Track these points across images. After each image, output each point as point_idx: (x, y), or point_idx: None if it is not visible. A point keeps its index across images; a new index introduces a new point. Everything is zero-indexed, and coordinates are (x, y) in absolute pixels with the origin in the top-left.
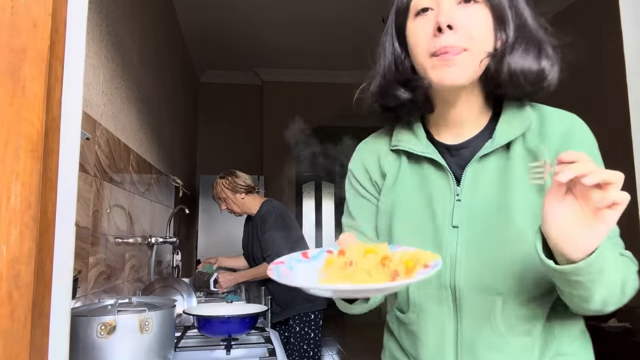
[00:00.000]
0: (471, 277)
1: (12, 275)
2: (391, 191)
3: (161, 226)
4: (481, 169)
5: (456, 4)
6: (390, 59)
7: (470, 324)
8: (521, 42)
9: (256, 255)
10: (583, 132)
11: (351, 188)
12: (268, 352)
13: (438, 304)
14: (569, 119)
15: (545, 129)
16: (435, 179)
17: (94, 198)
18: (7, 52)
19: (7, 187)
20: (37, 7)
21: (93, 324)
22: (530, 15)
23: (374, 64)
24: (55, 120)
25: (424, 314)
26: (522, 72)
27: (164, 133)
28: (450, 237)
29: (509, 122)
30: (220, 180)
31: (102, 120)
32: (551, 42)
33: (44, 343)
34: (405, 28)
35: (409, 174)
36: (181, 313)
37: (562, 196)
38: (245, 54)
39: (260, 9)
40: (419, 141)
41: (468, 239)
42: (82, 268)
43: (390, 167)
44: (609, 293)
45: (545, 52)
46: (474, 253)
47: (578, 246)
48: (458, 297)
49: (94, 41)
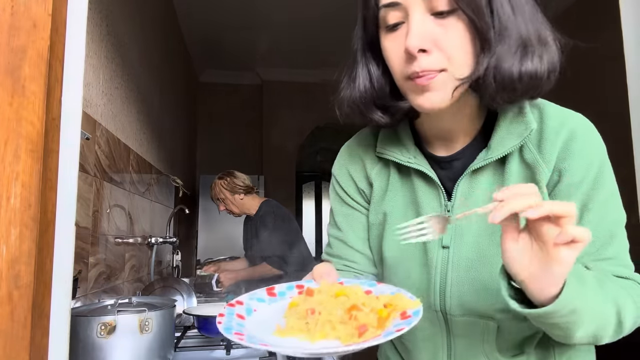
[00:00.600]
0: (462, 302)
1: (12, 276)
2: (380, 204)
3: (161, 226)
4: (474, 183)
5: (429, 18)
6: (364, 75)
7: (462, 346)
8: (504, 45)
9: (256, 255)
10: (583, 145)
11: (336, 196)
12: (268, 352)
13: (430, 324)
14: (569, 128)
15: (544, 139)
16: (425, 193)
17: (93, 198)
18: (7, 52)
19: (7, 187)
20: (36, 7)
21: (93, 324)
22: (515, 11)
23: (347, 73)
24: (55, 120)
25: (416, 331)
26: (510, 77)
27: (164, 133)
28: (440, 259)
29: (507, 129)
30: (218, 180)
31: (102, 120)
32: (543, 37)
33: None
34: (379, 39)
35: (399, 187)
36: (181, 313)
37: (516, 235)
38: (245, 54)
39: (260, 8)
40: (407, 149)
41: (458, 260)
42: (82, 268)
43: (378, 176)
44: (597, 328)
45: (535, 50)
46: (464, 276)
47: (541, 286)
48: (449, 321)
49: (94, 41)
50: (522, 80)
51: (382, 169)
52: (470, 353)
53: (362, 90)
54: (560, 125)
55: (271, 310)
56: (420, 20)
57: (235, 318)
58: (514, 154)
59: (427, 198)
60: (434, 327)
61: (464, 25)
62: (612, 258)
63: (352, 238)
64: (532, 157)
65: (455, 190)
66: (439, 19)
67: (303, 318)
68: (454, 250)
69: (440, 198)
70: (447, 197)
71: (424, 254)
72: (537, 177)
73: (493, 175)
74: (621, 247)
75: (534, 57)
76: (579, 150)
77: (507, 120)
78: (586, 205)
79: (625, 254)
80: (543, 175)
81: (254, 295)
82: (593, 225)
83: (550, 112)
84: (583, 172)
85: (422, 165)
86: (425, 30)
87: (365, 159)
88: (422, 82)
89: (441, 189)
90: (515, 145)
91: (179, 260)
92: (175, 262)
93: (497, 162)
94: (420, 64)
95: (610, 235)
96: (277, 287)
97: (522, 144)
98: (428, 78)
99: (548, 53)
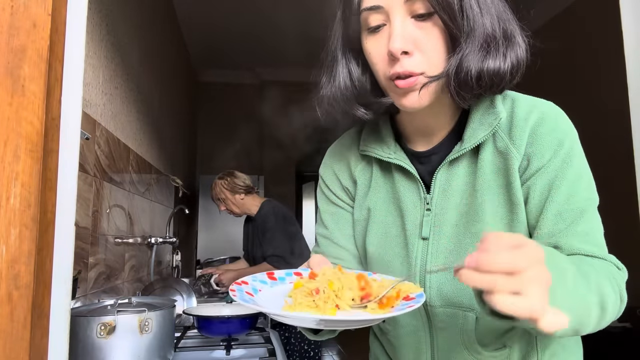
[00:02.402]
0: (442, 292)
1: (12, 276)
2: (364, 201)
3: (161, 226)
4: (451, 175)
5: (410, 21)
6: (344, 74)
7: (444, 339)
8: (470, 45)
9: (256, 255)
10: (550, 129)
11: (322, 195)
12: (268, 353)
13: (413, 318)
14: (538, 113)
15: (515, 127)
16: (405, 187)
17: (93, 198)
18: (7, 52)
19: (7, 187)
20: (36, 7)
21: (93, 324)
22: (482, 12)
23: (326, 71)
24: (54, 120)
25: (400, 327)
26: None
27: (164, 133)
28: (420, 250)
29: (480, 121)
30: (219, 180)
31: (102, 120)
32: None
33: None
34: (359, 40)
35: (382, 183)
36: (181, 313)
37: None
38: (244, 54)
39: (260, 8)
40: (387, 146)
41: (437, 251)
42: (82, 268)
43: (361, 173)
44: (580, 321)
45: (499, 49)
46: None
47: None
48: (430, 313)
49: (94, 41)
50: (483, 78)
51: (366, 166)
52: (451, 346)
53: (343, 88)
54: (529, 112)
55: (274, 291)
56: (402, 23)
57: (245, 294)
58: (487, 143)
59: (407, 192)
60: (417, 321)
61: (439, 29)
62: (583, 234)
63: (339, 236)
64: (503, 144)
65: (433, 182)
66: (418, 22)
67: (310, 296)
68: (433, 241)
69: (419, 191)
70: (426, 190)
71: (404, 247)
72: (509, 163)
73: (468, 165)
74: (593, 225)
75: (498, 55)
76: (546, 134)
77: (479, 113)
78: (553, 182)
79: (598, 234)
80: (515, 160)
81: (256, 278)
82: (562, 201)
83: (520, 102)
84: (550, 153)
85: (401, 160)
86: (406, 32)
87: (350, 158)
88: (403, 85)
89: (420, 183)
90: (487, 135)
91: (178, 260)
92: (175, 262)
93: (472, 152)
94: (402, 65)
95: (580, 211)
96: (275, 272)
97: (494, 132)
98: (411, 79)
99: (513, 50)
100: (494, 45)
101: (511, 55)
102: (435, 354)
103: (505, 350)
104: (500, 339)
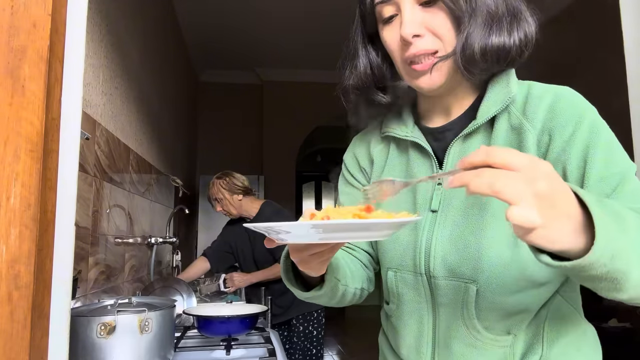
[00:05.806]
0: (445, 262)
1: (12, 276)
2: (378, 178)
3: (161, 226)
4: (464, 150)
5: (418, 8)
6: (365, 63)
7: (446, 316)
8: (474, 23)
9: (258, 258)
10: (570, 103)
11: (342, 177)
12: (268, 352)
13: (415, 292)
14: (553, 92)
15: (529, 104)
16: (419, 163)
17: (93, 198)
18: (7, 52)
19: (7, 187)
20: (36, 7)
21: (93, 324)
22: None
23: (348, 64)
24: (54, 120)
25: (403, 305)
26: (476, 51)
27: (164, 133)
28: (428, 221)
29: (494, 98)
30: (217, 180)
31: (102, 120)
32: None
33: (43, 343)
34: (378, 32)
35: (397, 162)
36: (181, 313)
37: None
38: (245, 54)
39: (260, 8)
40: (406, 126)
41: (444, 223)
42: (82, 268)
43: (379, 154)
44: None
45: (503, 25)
46: (446, 237)
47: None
48: (433, 285)
49: (94, 41)
50: (487, 54)
51: (384, 147)
52: (452, 323)
53: (364, 76)
54: (544, 92)
55: None
56: (411, 10)
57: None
58: (501, 120)
59: (421, 168)
60: (419, 297)
61: (445, 12)
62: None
63: None
64: (517, 121)
65: (446, 157)
66: (426, 8)
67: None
68: (441, 213)
69: (432, 167)
70: (439, 166)
71: None
72: (523, 138)
73: (482, 141)
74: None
75: (502, 31)
76: (565, 109)
77: (494, 91)
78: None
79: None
80: (529, 133)
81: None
82: (601, 167)
83: (536, 85)
84: (572, 125)
85: (417, 137)
86: (415, 18)
87: (371, 140)
88: (419, 68)
89: (433, 158)
90: (498, 109)
91: (178, 260)
92: (175, 262)
93: (486, 129)
94: (416, 46)
95: (622, 175)
96: None
97: (509, 110)
98: (425, 60)
99: (520, 26)
100: (497, 22)
101: (518, 30)
102: (436, 335)
103: (508, 337)
104: (504, 322)
